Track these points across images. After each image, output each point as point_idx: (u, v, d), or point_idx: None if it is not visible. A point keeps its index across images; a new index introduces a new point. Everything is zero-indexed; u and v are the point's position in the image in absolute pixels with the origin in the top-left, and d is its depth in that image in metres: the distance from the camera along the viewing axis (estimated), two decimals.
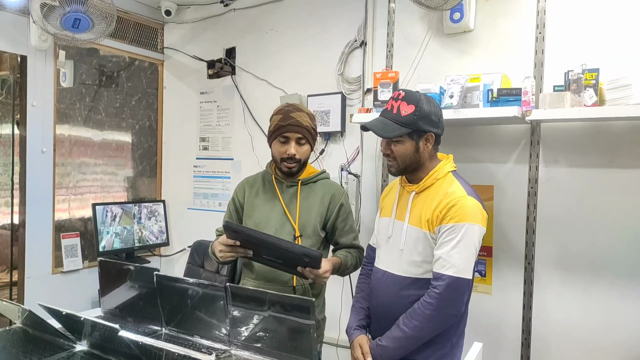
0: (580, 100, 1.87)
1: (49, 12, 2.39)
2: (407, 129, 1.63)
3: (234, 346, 1.58)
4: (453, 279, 1.54)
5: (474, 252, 1.59)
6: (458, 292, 1.56)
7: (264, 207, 1.96)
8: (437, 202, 1.61)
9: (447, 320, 1.59)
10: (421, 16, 2.48)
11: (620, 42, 2.00)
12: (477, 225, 1.58)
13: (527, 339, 2.19)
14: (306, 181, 1.97)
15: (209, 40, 3.35)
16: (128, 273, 1.82)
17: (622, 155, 2.00)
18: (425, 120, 1.63)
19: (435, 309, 1.55)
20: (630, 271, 1.99)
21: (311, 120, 1.94)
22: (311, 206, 1.93)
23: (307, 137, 1.91)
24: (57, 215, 3.03)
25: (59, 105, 3.05)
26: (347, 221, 1.99)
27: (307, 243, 1.90)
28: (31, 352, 1.51)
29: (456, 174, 1.71)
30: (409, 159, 1.67)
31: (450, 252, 1.56)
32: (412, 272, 1.66)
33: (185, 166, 3.51)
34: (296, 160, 1.90)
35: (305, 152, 1.94)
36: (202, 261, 2.92)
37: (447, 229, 1.57)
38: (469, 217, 1.57)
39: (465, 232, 1.56)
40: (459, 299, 1.57)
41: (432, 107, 1.66)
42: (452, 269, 1.55)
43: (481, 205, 1.62)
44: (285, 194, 1.96)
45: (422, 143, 1.66)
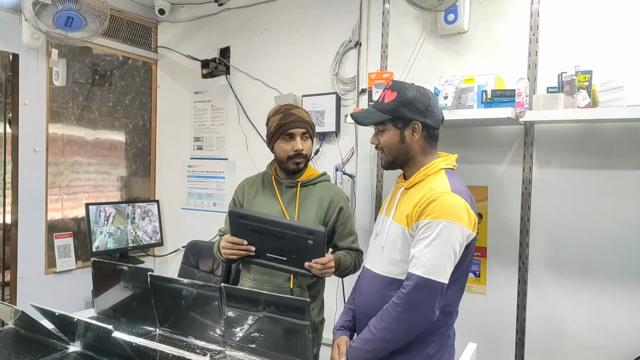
0: (574, 102, 1.88)
1: (41, 10, 2.37)
2: (388, 115, 1.57)
3: (229, 347, 1.58)
4: (421, 279, 1.42)
5: (452, 255, 1.44)
6: (427, 294, 1.42)
7: (263, 208, 1.96)
8: (419, 197, 1.50)
9: (416, 324, 1.46)
10: (415, 17, 2.49)
11: (613, 44, 2.02)
12: (458, 225, 1.44)
13: (521, 339, 2.20)
14: (306, 183, 1.97)
15: (203, 39, 3.34)
16: (122, 273, 1.81)
17: (615, 156, 2.02)
18: (408, 107, 1.55)
19: (402, 311, 1.44)
20: (621, 272, 2.01)
21: (310, 115, 1.97)
22: (310, 208, 1.92)
23: (310, 131, 1.94)
24: (50, 215, 3.01)
25: (52, 104, 3.02)
26: (347, 224, 1.97)
27: None
28: (24, 353, 1.50)
29: (451, 172, 1.59)
30: (396, 150, 1.60)
31: (423, 250, 1.44)
32: (390, 271, 1.56)
33: (179, 166, 3.50)
34: (303, 155, 1.91)
35: (310, 148, 1.96)
36: (197, 261, 2.92)
37: (424, 226, 1.46)
38: (449, 214, 1.44)
39: (442, 230, 1.43)
40: (428, 303, 1.43)
41: (418, 95, 1.56)
42: (422, 268, 1.43)
43: (469, 205, 1.49)
44: (285, 195, 1.95)
45: (408, 133, 1.57)
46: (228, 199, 3.21)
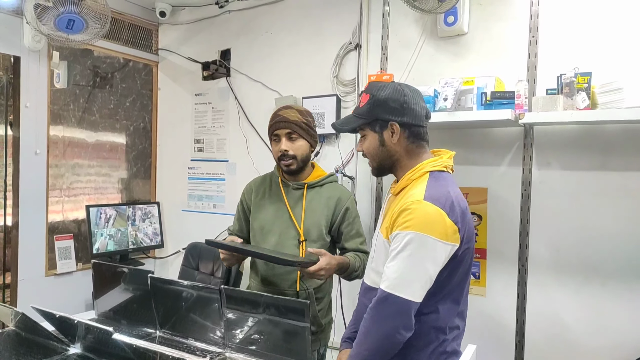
0: (573, 104, 1.89)
1: (42, 12, 2.37)
2: (363, 119, 1.48)
3: (229, 349, 1.58)
4: (384, 294, 1.32)
5: (420, 270, 1.31)
6: (389, 310, 1.31)
7: (269, 210, 1.96)
8: (397, 206, 1.40)
9: (384, 341, 1.33)
10: (415, 19, 2.50)
11: (612, 46, 2.02)
12: (429, 236, 1.30)
13: (520, 341, 2.20)
14: (312, 185, 1.95)
15: (203, 41, 3.34)
16: (122, 275, 1.82)
17: (614, 158, 2.02)
18: (381, 107, 1.45)
19: (368, 325, 1.35)
20: (621, 273, 2.00)
21: (302, 115, 1.91)
22: (316, 210, 1.91)
23: (297, 131, 1.88)
24: (50, 217, 3.02)
25: (53, 107, 3.03)
26: (354, 225, 1.94)
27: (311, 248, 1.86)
28: (24, 355, 1.50)
29: (437, 175, 1.44)
30: (378, 155, 1.49)
31: (389, 263, 1.35)
32: (376, 282, 1.45)
33: (180, 168, 3.50)
34: (290, 156, 1.88)
35: (300, 148, 1.90)
36: (197, 263, 2.92)
37: (394, 237, 1.37)
38: (419, 225, 1.31)
39: (410, 242, 1.31)
40: (394, 320, 1.31)
41: (392, 93, 1.45)
42: (386, 282, 1.33)
43: (445, 213, 1.33)
44: (291, 197, 1.94)
45: (387, 135, 1.46)
46: (229, 201, 3.22)
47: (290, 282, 1.89)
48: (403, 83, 1.52)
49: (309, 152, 1.95)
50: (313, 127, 1.95)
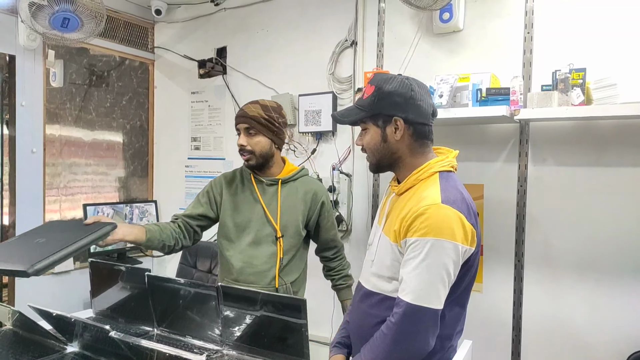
0: (568, 100, 1.89)
1: (37, 11, 2.37)
2: (365, 112, 1.39)
3: (226, 346, 1.59)
4: (411, 307, 1.24)
5: (444, 277, 1.25)
6: (418, 324, 1.25)
7: (244, 207, 1.93)
8: (408, 209, 1.31)
9: (416, 354, 1.28)
10: (411, 16, 2.50)
11: (606, 42, 2.03)
12: (450, 241, 1.24)
13: (517, 336, 2.22)
14: (286, 180, 1.94)
15: (199, 39, 3.34)
16: (119, 274, 1.82)
17: (609, 153, 2.03)
18: (385, 101, 1.35)
19: (391, 342, 1.27)
20: (616, 268, 2.02)
21: (265, 110, 1.86)
22: (293, 206, 1.92)
23: (255, 127, 1.85)
24: (47, 215, 3.01)
25: (49, 105, 3.03)
26: (329, 217, 2.02)
27: (288, 243, 1.91)
28: (21, 353, 1.50)
29: (446, 175, 1.37)
30: (379, 151, 1.41)
31: (411, 273, 1.26)
32: (381, 287, 1.38)
33: (177, 166, 3.50)
34: (248, 151, 1.86)
35: (258, 144, 1.86)
36: (195, 261, 2.92)
37: (412, 244, 1.27)
38: (437, 230, 1.24)
39: (430, 249, 1.24)
40: (420, 333, 1.25)
41: (399, 87, 1.36)
42: (411, 294, 1.24)
43: (464, 216, 1.27)
44: (266, 194, 1.92)
45: (390, 131, 1.37)
46: None
47: (269, 279, 1.89)
48: (411, 77, 1.42)
49: (270, 149, 1.90)
50: (278, 123, 1.89)
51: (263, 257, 1.89)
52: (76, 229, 1.60)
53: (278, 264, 1.89)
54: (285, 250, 1.91)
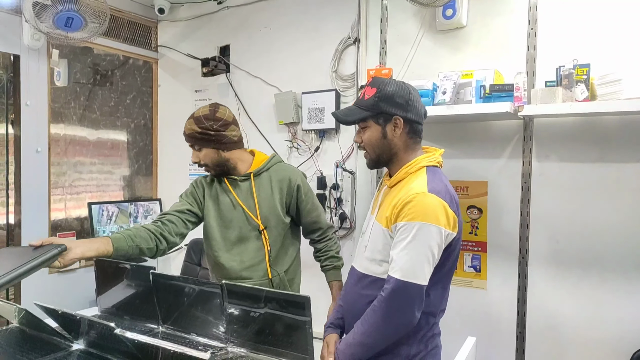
0: (572, 96, 1.88)
1: (41, 11, 2.38)
2: (369, 112, 1.53)
3: (231, 343, 1.59)
4: (399, 283, 1.39)
5: (429, 256, 1.41)
6: (405, 298, 1.40)
7: (223, 208, 1.95)
8: (398, 198, 1.46)
9: (396, 329, 1.43)
10: (414, 13, 2.49)
11: (610, 38, 2.02)
12: (434, 225, 1.40)
13: (521, 333, 2.21)
14: (258, 172, 1.95)
15: (202, 38, 3.34)
16: (124, 272, 1.83)
17: (613, 149, 2.02)
18: (387, 101, 1.50)
19: (381, 315, 1.42)
20: (620, 265, 2.01)
21: (198, 123, 1.86)
22: (269, 196, 1.93)
23: (196, 143, 1.89)
24: (53, 214, 3.03)
25: (54, 105, 3.04)
26: (308, 200, 1.97)
27: (272, 235, 1.93)
28: (28, 351, 1.51)
29: (433, 169, 1.53)
30: (379, 147, 1.55)
31: (399, 253, 1.41)
32: (372, 270, 1.53)
33: (181, 164, 3.51)
34: (202, 165, 1.91)
35: (206, 156, 1.89)
36: (199, 259, 2.93)
37: (401, 228, 1.43)
38: (424, 215, 1.40)
39: (418, 232, 1.39)
40: (407, 307, 1.40)
41: (398, 89, 1.52)
42: (399, 272, 1.40)
43: (447, 204, 1.43)
44: (240, 191, 1.94)
45: (390, 128, 1.52)
46: None
47: (262, 272, 1.92)
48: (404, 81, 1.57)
49: (219, 156, 1.90)
50: (213, 129, 1.86)
51: (251, 252, 1.92)
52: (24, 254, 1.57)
53: (267, 256, 1.92)
54: (272, 241, 1.93)
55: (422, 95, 2.10)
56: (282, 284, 1.95)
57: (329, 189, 2.74)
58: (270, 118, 3.03)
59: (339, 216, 2.71)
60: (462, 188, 2.35)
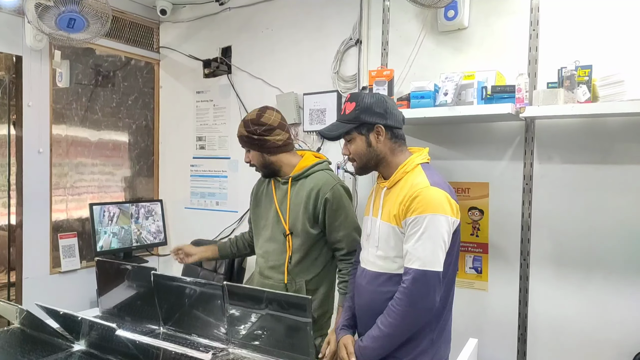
0: (574, 97, 1.88)
1: (43, 12, 2.38)
2: (351, 124, 1.65)
3: (232, 344, 1.59)
4: (419, 272, 1.51)
5: (442, 244, 1.54)
6: (427, 285, 1.52)
7: (262, 206, 2.09)
8: (403, 195, 1.59)
9: (420, 315, 1.55)
10: (416, 14, 2.49)
11: (613, 39, 2.01)
12: (442, 215, 1.54)
13: (523, 335, 2.21)
14: (297, 177, 1.98)
15: (204, 39, 3.35)
16: (125, 273, 1.83)
17: (616, 151, 2.02)
18: (367, 112, 1.64)
19: (406, 304, 1.52)
20: (624, 267, 2.00)
21: (245, 127, 1.98)
22: (299, 203, 1.94)
23: (245, 146, 2.03)
24: (54, 215, 3.04)
25: (55, 106, 3.05)
26: (337, 216, 1.91)
27: (297, 242, 1.94)
28: (29, 352, 1.51)
29: (426, 166, 1.67)
30: (365, 155, 1.68)
31: (415, 244, 1.53)
32: (387, 267, 1.63)
33: (182, 165, 3.51)
34: (252, 165, 2.05)
35: (254, 157, 2.02)
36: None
37: (411, 222, 1.55)
38: (432, 207, 1.53)
39: (429, 223, 1.52)
40: (429, 293, 1.52)
41: (376, 100, 1.66)
42: (418, 262, 1.52)
43: (448, 194, 1.58)
44: (279, 192, 2.02)
45: (373, 137, 1.65)
46: (231, 198, 3.24)
47: (281, 275, 1.97)
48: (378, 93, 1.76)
49: (263, 158, 2.00)
50: (257, 134, 1.95)
51: (276, 253, 1.99)
52: None
53: (287, 261, 1.95)
54: (295, 248, 1.94)
55: (423, 97, 2.13)
56: (300, 292, 1.93)
57: None
58: None
59: None
60: (463, 189, 2.35)
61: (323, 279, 2.02)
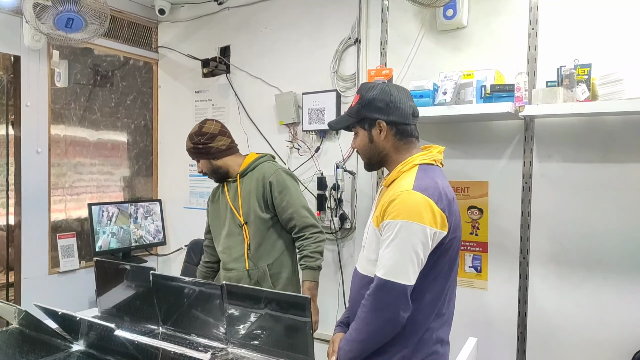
0: (573, 96, 1.88)
1: (41, 11, 2.38)
2: (353, 118, 1.60)
3: (231, 344, 1.59)
4: (381, 281, 1.40)
5: (412, 255, 1.39)
6: (388, 296, 1.40)
7: (219, 208, 2.24)
8: (387, 197, 1.48)
9: (384, 326, 1.42)
10: (414, 13, 2.49)
11: (612, 37, 2.01)
12: (417, 223, 1.38)
13: (522, 333, 2.21)
14: (243, 173, 2.18)
15: (203, 38, 3.34)
16: (124, 273, 1.83)
17: (615, 150, 2.02)
18: (368, 107, 1.55)
19: (367, 311, 1.43)
20: (623, 265, 2.00)
21: (190, 139, 2.17)
22: (249, 192, 2.13)
23: (195, 156, 2.19)
24: (53, 215, 3.03)
25: (54, 106, 3.04)
26: (283, 197, 2.09)
27: (252, 229, 2.10)
28: (28, 352, 1.51)
29: (425, 167, 1.52)
30: (367, 151, 1.60)
31: (383, 251, 1.43)
32: (369, 270, 1.53)
33: (181, 165, 3.51)
34: (204, 174, 2.22)
35: (203, 165, 2.19)
36: (199, 260, 2.92)
37: (385, 226, 1.44)
38: (406, 214, 1.39)
39: (400, 230, 1.39)
40: (390, 305, 1.40)
41: (379, 94, 1.54)
42: (382, 270, 1.41)
43: (433, 202, 1.40)
44: (231, 190, 2.19)
45: (375, 132, 1.56)
46: None
47: (243, 263, 2.12)
48: (392, 83, 1.62)
49: (212, 163, 2.18)
50: (201, 144, 2.15)
51: (236, 245, 2.15)
52: None
53: (246, 249, 2.11)
54: (252, 235, 2.12)
55: (422, 96, 2.12)
56: (263, 276, 2.09)
57: (330, 190, 2.73)
58: (270, 119, 3.03)
59: (340, 217, 2.70)
60: (462, 188, 2.35)
61: (284, 262, 2.15)
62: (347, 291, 2.68)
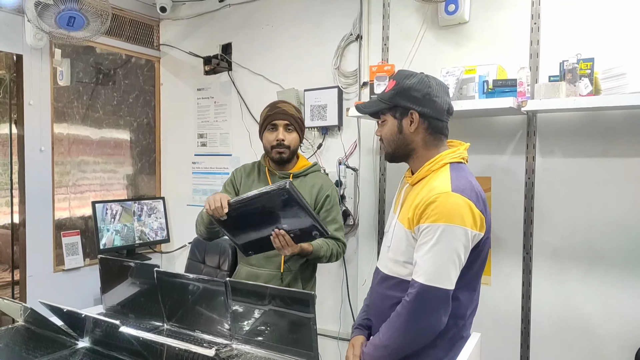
0: (576, 90, 1.87)
1: (43, 10, 2.38)
2: (385, 104, 1.51)
3: (235, 340, 1.60)
4: (424, 287, 1.35)
5: (455, 260, 1.36)
6: (430, 303, 1.36)
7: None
8: (420, 198, 1.41)
9: (422, 334, 1.39)
10: (416, 9, 2.48)
11: (614, 32, 2.00)
12: (459, 226, 1.35)
13: (526, 328, 2.21)
14: (298, 174, 2.08)
15: (204, 36, 3.34)
16: (129, 270, 1.84)
17: (618, 144, 2.01)
18: (403, 95, 1.47)
19: (405, 320, 1.38)
20: (626, 260, 2.00)
21: (297, 112, 2.08)
22: None
23: (294, 124, 2.04)
24: (57, 213, 3.04)
25: (57, 104, 3.05)
26: (331, 212, 2.06)
27: None
28: (34, 349, 1.52)
29: (457, 166, 1.48)
30: (394, 141, 1.52)
31: (424, 256, 1.37)
32: (396, 271, 1.49)
33: (184, 163, 3.52)
34: (285, 145, 2.02)
35: (294, 140, 2.05)
36: (203, 257, 2.93)
37: (424, 230, 1.38)
38: (448, 216, 1.35)
39: (442, 234, 1.34)
40: (432, 312, 1.36)
41: (418, 83, 1.47)
42: (423, 276, 1.36)
43: (473, 203, 1.37)
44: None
45: (406, 123, 1.48)
46: None
47: (276, 264, 2.00)
48: (431, 75, 1.52)
49: (298, 145, 2.11)
50: (303, 122, 2.12)
51: None
52: None
53: None
54: None
55: None
56: (295, 280, 2.01)
57: None
58: None
59: (342, 213, 2.71)
60: None
61: (313, 271, 2.12)
62: (350, 287, 2.68)
